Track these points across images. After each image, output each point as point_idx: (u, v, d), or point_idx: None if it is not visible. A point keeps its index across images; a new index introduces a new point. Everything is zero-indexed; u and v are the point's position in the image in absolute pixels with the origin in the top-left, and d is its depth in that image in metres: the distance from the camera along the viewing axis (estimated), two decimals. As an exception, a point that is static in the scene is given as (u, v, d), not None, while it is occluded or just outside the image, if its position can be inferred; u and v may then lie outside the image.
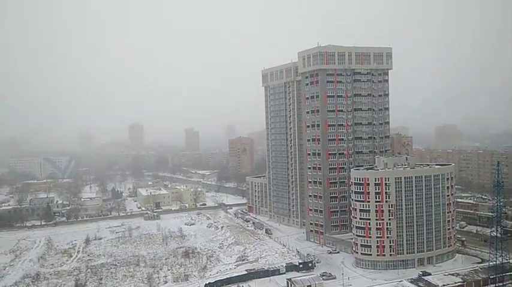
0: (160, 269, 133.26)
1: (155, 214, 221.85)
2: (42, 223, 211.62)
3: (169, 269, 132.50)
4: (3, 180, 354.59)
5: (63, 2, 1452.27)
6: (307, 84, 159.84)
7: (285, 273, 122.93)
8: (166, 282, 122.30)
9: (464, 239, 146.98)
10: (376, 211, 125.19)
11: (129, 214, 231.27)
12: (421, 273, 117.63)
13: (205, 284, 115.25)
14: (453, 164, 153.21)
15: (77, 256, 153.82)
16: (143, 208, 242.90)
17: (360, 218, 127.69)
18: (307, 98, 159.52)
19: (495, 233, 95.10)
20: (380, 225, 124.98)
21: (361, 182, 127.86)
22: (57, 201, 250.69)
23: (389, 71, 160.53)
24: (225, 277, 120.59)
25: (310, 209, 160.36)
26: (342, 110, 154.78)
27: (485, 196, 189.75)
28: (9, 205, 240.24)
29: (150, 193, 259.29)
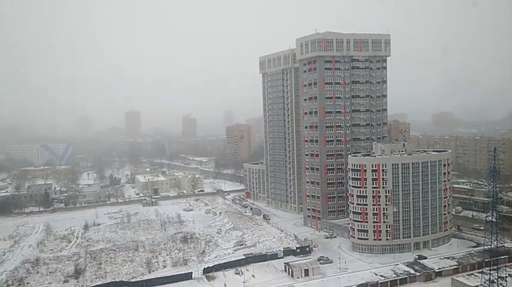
0: (159, 254, 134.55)
1: (153, 200, 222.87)
2: (41, 209, 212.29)
3: (168, 254, 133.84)
4: (0, 167, 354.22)
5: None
6: (305, 71, 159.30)
7: (282, 257, 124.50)
8: (165, 266, 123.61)
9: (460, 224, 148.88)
10: (373, 197, 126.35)
11: (127, 200, 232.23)
12: (417, 257, 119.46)
13: (204, 268, 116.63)
14: (450, 151, 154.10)
15: (76, 241, 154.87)
16: (141, 195, 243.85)
17: (357, 204, 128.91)
18: (305, 85, 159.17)
19: (491, 218, 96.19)
20: (377, 210, 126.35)
21: (358, 168, 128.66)
22: (55, 187, 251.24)
23: (387, 58, 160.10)
24: (223, 262, 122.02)
25: (308, 195, 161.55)
26: (339, 97, 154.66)
27: (482, 181, 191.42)
28: (7, 192, 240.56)
29: (148, 180, 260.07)
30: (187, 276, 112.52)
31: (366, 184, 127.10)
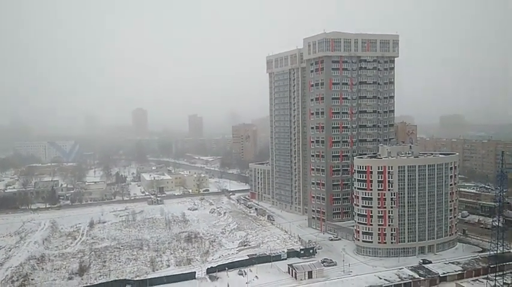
0: (163, 253, 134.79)
1: (159, 198, 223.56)
2: (47, 206, 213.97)
3: (172, 253, 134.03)
4: (8, 163, 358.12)
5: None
6: (312, 71, 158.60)
7: (286, 259, 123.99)
8: (169, 266, 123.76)
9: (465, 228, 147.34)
10: (379, 199, 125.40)
11: (132, 198, 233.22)
12: (421, 261, 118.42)
13: (207, 268, 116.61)
14: (457, 154, 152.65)
15: (81, 238, 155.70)
16: (147, 193, 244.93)
17: (362, 206, 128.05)
18: (312, 85, 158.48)
19: (497, 223, 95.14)
20: (382, 213, 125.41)
21: (364, 170, 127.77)
22: (62, 184, 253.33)
23: (395, 58, 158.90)
24: (227, 262, 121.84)
25: (313, 197, 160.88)
26: (346, 98, 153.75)
27: (489, 185, 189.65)
28: (14, 188, 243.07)
29: (154, 178, 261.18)
30: (191, 276, 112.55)
31: (371, 186, 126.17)
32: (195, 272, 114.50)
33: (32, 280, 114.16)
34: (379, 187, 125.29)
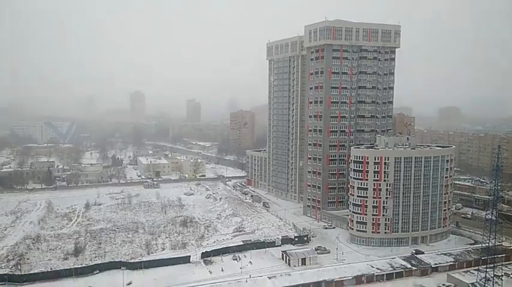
0: (159, 236, 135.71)
1: (155, 182, 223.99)
2: (43, 187, 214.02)
3: (167, 237, 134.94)
4: (4, 142, 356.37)
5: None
6: (312, 59, 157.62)
7: (280, 246, 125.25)
8: (164, 249, 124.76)
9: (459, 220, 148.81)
10: (374, 190, 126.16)
11: (129, 181, 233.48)
12: (414, 251, 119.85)
13: (202, 252, 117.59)
14: (454, 147, 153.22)
15: (76, 220, 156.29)
16: (143, 176, 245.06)
17: (358, 196, 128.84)
18: (312, 74, 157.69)
19: (490, 216, 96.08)
20: (377, 203, 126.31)
21: (360, 160, 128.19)
22: (58, 165, 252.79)
23: (396, 49, 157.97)
24: (221, 247, 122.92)
25: (309, 185, 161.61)
26: (346, 87, 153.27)
27: (484, 179, 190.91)
28: (10, 167, 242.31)
29: (151, 162, 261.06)
30: (186, 259, 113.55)
31: (367, 177, 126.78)
32: (189, 256, 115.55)
33: (27, 259, 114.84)
34: (375, 177, 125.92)
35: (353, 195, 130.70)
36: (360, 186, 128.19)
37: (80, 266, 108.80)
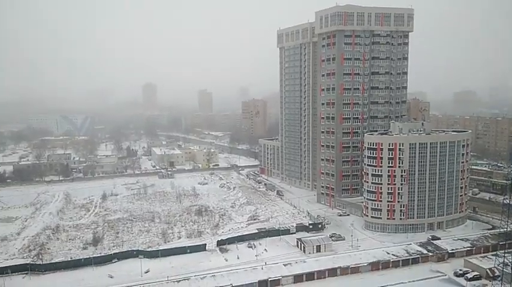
0: (175, 225, 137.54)
1: (169, 172, 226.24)
2: (60, 178, 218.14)
3: (183, 226, 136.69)
4: (21, 136, 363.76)
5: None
6: (323, 45, 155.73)
7: (295, 233, 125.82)
8: (180, 237, 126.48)
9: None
10: (389, 176, 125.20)
11: (143, 172, 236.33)
12: (430, 237, 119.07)
13: (218, 240, 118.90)
14: (470, 131, 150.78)
15: (94, 210, 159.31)
16: (157, 167, 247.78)
17: (372, 183, 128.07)
18: (323, 61, 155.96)
19: (508, 201, 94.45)
20: (391, 190, 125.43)
21: (374, 147, 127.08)
22: (74, 157, 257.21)
23: (409, 33, 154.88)
24: (236, 235, 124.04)
25: (322, 173, 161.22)
26: (358, 73, 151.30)
27: (501, 163, 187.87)
28: (28, 160, 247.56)
29: (164, 153, 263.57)
30: (202, 247, 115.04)
31: (381, 163, 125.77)
32: (205, 244, 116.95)
33: (48, 249, 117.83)
34: (389, 163, 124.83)
35: (367, 182, 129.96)
36: (374, 173, 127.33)
37: (98, 255, 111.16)
